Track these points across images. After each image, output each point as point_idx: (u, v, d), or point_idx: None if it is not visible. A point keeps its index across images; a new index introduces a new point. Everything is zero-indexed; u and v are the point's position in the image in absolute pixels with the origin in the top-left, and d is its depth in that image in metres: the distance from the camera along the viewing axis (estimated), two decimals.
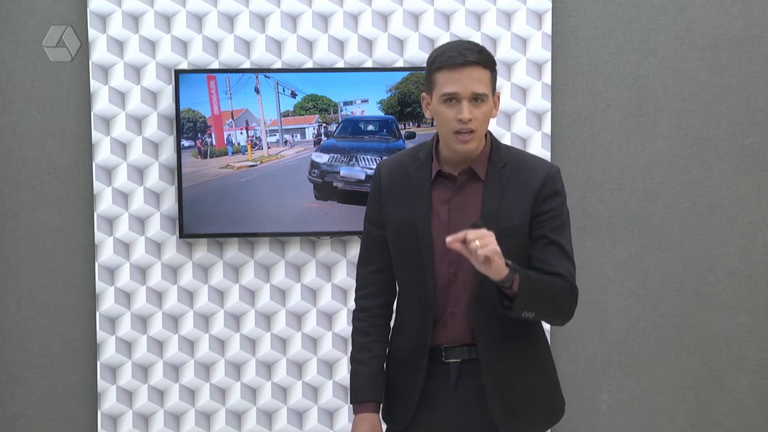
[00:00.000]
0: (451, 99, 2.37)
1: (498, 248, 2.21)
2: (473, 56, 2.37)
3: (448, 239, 2.22)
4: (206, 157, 3.75)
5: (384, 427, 2.61)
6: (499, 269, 2.24)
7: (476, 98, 2.37)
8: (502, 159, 2.48)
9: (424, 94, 2.47)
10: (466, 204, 2.45)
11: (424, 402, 2.51)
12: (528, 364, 2.52)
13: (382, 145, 3.75)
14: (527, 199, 2.43)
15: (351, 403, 2.57)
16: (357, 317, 2.61)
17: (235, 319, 3.90)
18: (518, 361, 2.50)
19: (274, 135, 3.78)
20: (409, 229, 2.47)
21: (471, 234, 2.20)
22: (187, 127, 3.73)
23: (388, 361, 2.61)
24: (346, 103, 3.78)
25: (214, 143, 3.75)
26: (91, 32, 3.78)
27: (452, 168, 2.47)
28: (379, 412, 2.55)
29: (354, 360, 2.59)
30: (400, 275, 2.56)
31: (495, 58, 2.44)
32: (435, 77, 2.40)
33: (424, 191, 2.48)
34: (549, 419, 2.58)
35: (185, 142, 3.74)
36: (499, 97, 2.46)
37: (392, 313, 2.63)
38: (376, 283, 2.58)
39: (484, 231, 2.22)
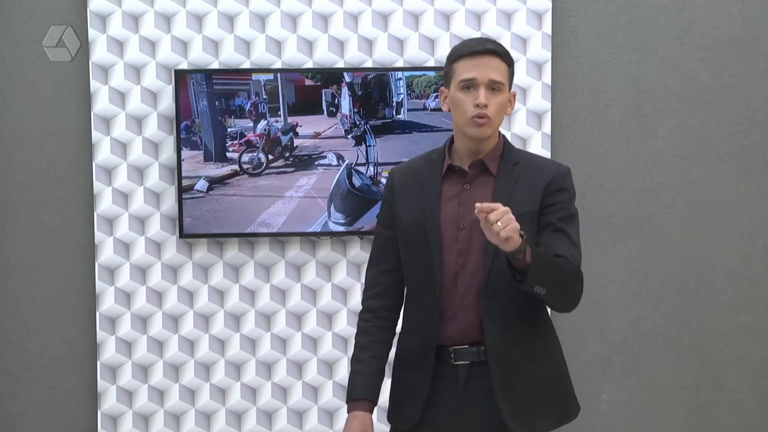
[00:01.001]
0: (469, 86, 2.41)
1: (517, 225, 2.22)
2: (493, 46, 2.44)
3: (477, 205, 2.22)
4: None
5: (388, 428, 2.62)
6: (515, 244, 2.24)
7: (493, 87, 2.41)
8: (514, 158, 2.50)
9: (442, 88, 2.51)
10: (476, 198, 2.45)
11: (432, 402, 2.50)
12: (538, 358, 2.51)
13: None
14: (537, 192, 2.45)
15: (346, 401, 2.58)
16: (362, 317, 2.61)
17: (235, 319, 3.90)
18: (528, 355, 2.49)
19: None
20: (419, 224, 2.49)
21: (493, 215, 2.20)
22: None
23: (395, 363, 2.61)
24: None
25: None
26: (91, 32, 3.78)
27: (464, 161, 2.49)
28: (372, 412, 2.54)
29: (354, 359, 2.59)
30: (408, 270, 2.56)
31: (513, 58, 2.48)
32: (454, 67, 2.45)
33: (434, 186, 2.50)
34: (562, 415, 2.54)
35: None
36: (515, 96, 2.50)
37: (398, 316, 2.63)
38: (385, 284, 2.59)
39: (502, 209, 2.21)
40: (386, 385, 2.59)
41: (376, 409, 2.57)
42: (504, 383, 2.45)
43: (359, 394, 2.54)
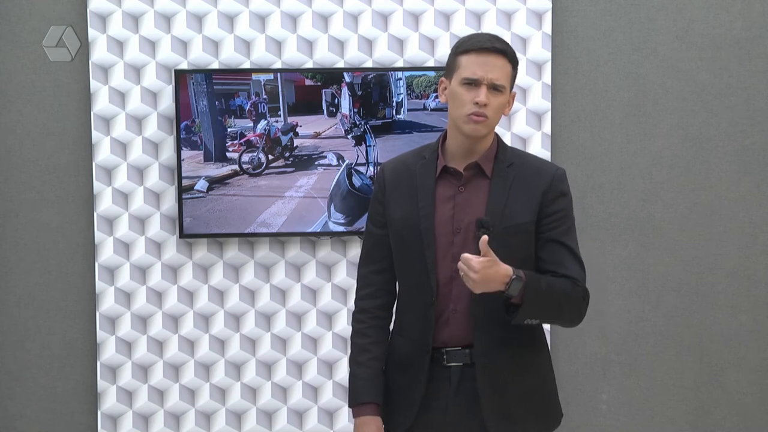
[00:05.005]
0: (471, 83, 2.39)
1: (502, 273, 2.30)
2: (501, 45, 2.42)
3: (463, 257, 2.31)
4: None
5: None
6: (496, 287, 2.32)
7: (495, 87, 2.39)
8: (509, 159, 2.49)
9: (442, 78, 2.48)
10: (471, 200, 2.45)
11: (425, 404, 2.49)
12: (526, 365, 2.50)
13: None
14: (534, 199, 2.44)
15: (350, 406, 2.55)
16: (356, 319, 2.59)
17: (235, 319, 3.90)
18: (516, 362, 2.48)
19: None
20: (412, 225, 2.47)
21: (472, 274, 2.29)
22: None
23: (387, 364, 2.59)
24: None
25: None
26: (91, 32, 3.78)
27: (458, 163, 2.47)
28: (379, 415, 2.52)
29: (353, 362, 2.57)
30: (401, 272, 2.54)
31: (518, 59, 2.48)
32: (458, 60, 2.42)
33: (428, 187, 2.48)
34: (545, 424, 2.55)
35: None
36: (514, 97, 2.48)
37: (392, 315, 2.61)
38: (377, 283, 2.57)
39: (474, 264, 2.28)
40: None
41: None
42: (490, 388, 2.45)
43: (365, 398, 2.52)
